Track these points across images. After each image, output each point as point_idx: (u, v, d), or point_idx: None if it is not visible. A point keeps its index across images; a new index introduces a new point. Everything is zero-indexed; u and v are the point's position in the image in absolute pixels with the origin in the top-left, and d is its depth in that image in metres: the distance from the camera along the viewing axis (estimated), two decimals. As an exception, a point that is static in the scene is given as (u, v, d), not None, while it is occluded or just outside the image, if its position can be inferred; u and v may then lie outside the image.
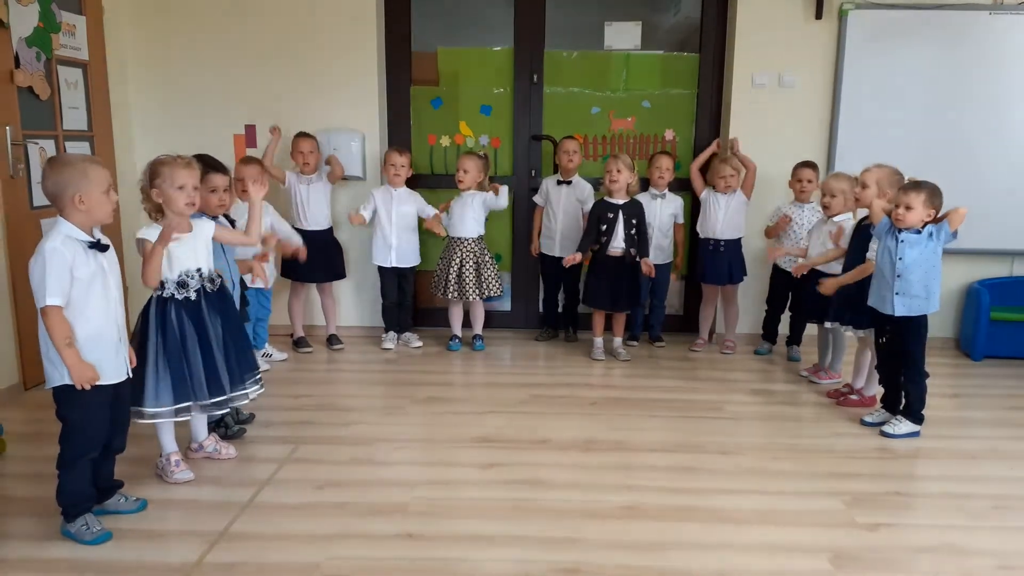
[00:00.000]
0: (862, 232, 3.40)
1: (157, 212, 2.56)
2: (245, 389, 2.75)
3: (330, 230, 4.37)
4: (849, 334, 3.58)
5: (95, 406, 2.26)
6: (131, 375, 2.38)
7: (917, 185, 3.02)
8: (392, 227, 4.28)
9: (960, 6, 4.29)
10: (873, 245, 3.28)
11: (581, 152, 4.42)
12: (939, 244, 3.03)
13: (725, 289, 4.45)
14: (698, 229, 4.41)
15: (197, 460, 2.82)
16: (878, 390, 3.41)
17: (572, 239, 4.40)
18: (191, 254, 2.60)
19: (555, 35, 4.65)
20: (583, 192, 4.45)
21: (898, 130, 4.36)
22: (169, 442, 2.69)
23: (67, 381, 2.19)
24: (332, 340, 4.46)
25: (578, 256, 4.15)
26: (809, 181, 4.14)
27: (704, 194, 4.38)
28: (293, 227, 4.24)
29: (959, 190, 2.98)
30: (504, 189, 4.28)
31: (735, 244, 4.32)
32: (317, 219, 4.29)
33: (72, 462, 2.27)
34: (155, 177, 2.51)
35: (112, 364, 2.28)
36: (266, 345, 4.11)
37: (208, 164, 2.91)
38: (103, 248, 2.25)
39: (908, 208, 3.00)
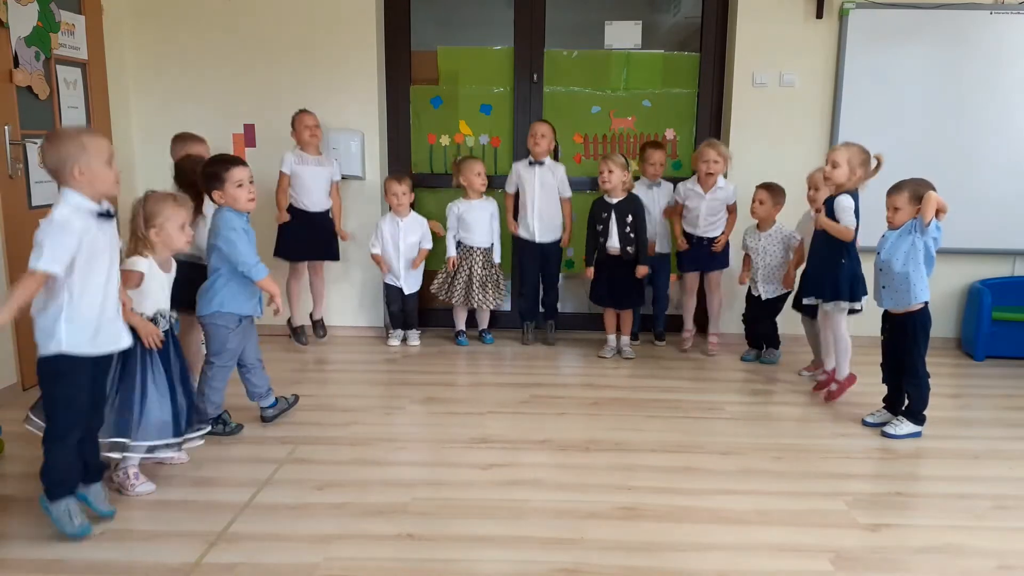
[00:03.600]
0: (826, 206, 3.39)
1: (145, 249, 2.52)
2: (192, 434, 2.64)
3: (327, 212, 4.29)
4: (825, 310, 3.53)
5: (79, 382, 2.20)
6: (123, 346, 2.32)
7: (898, 186, 3.07)
8: (400, 259, 4.33)
9: (960, 6, 4.29)
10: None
11: (552, 137, 4.30)
12: (919, 236, 3.02)
13: (708, 277, 4.33)
14: (683, 225, 4.32)
15: (196, 461, 2.81)
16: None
17: (550, 223, 4.37)
18: (165, 293, 2.57)
19: (555, 34, 4.64)
20: (557, 172, 4.36)
21: (899, 129, 4.35)
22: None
23: (61, 350, 2.14)
24: (318, 327, 4.44)
25: (590, 270, 4.19)
26: (761, 203, 4.03)
27: (682, 190, 4.26)
28: (291, 205, 4.17)
29: (960, 189, 2.96)
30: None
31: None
32: (316, 200, 4.22)
33: (59, 438, 2.23)
34: (154, 217, 2.50)
35: (107, 334, 2.24)
36: None
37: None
38: (110, 216, 2.21)
39: (896, 210, 3.07)
